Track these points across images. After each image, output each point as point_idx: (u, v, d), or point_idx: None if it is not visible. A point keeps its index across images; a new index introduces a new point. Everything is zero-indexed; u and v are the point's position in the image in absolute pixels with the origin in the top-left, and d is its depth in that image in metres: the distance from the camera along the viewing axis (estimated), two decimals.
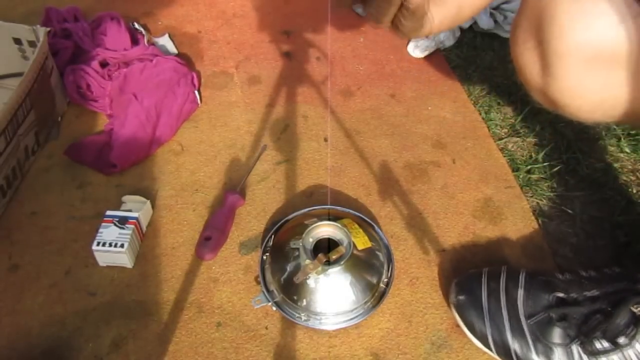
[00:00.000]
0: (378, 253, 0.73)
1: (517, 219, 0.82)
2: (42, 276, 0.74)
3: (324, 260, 0.69)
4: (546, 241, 0.80)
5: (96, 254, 0.74)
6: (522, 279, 0.67)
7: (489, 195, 0.85)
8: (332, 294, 0.68)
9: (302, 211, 0.80)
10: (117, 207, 0.79)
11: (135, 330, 0.69)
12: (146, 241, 0.78)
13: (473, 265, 0.77)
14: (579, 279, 0.65)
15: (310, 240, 0.71)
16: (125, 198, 0.81)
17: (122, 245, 0.73)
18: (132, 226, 0.74)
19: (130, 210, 0.77)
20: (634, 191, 0.87)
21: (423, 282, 0.75)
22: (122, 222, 0.75)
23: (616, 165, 0.90)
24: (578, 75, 0.49)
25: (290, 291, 0.69)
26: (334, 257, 0.69)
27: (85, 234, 0.77)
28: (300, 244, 0.70)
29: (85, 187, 0.84)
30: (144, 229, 0.79)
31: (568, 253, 0.79)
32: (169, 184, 0.85)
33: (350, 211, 0.79)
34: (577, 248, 0.79)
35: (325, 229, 0.72)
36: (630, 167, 0.90)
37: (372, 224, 0.78)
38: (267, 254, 0.74)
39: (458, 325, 0.69)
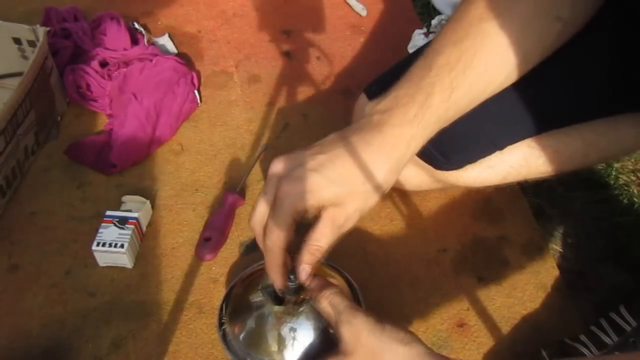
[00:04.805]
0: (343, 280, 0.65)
1: (517, 219, 0.82)
2: (42, 276, 0.74)
3: (301, 298, 0.55)
4: (546, 241, 0.80)
5: (96, 254, 0.74)
6: None
7: (489, 196, 0.85)
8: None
9: (246, 271, 0.68)
10: (117, 207, 0.79)
11: (135, 331, 0.69)
12: (146, 241, 0.78)
13: (473, 265, 0.77)
14: (610, 352, 0.61)
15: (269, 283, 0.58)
16: (125, 198, 0.80)
17: (122, 246, 0.73)
18: (132, 226, 0.74)
19: (130, 211, 0.77)
20: (634, 191, 0.86)
21: (423, 282, 0.75)
22: (122, 222, 0.75)
23: (616, 165, 0.90)
24: None
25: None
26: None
27: (85, 234, 0.77)
28: (260, 294, 0.59)
29: (85, 187, 0.84)
30: (144, 229, 0.79)
31: (568, 253, 0.79)
32: (169, 184, 0.85)
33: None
34: (577, 248, 0.79)
35: None
36: (630, 167, 0.90)
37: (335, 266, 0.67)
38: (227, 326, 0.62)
39: (459, 325, 0.69)
